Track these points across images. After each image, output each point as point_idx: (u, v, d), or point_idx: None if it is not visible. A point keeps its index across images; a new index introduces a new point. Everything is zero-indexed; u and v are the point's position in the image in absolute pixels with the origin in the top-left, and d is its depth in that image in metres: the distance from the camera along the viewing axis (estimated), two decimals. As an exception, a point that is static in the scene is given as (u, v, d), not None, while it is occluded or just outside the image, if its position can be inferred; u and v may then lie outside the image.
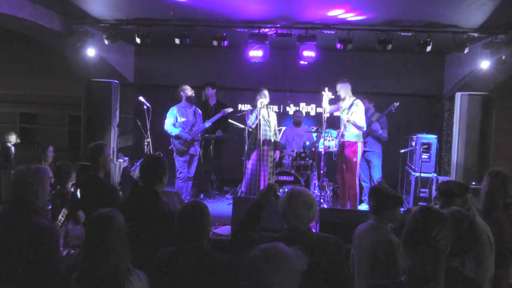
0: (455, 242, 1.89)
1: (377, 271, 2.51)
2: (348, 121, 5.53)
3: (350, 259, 2.79)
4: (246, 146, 6.18)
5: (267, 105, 5.90)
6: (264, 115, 5.89)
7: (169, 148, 6.27)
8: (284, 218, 2.39)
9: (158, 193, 2.88)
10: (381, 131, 6.45)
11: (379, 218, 2.68)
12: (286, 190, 2.50)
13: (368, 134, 6.36)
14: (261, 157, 5.77)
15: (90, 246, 2.00)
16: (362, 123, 5.65)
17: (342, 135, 5.71)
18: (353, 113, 5.51)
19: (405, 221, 1.81)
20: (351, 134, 5.68)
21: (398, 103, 6.41)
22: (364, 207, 6.17)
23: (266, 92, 5.85)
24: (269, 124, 5.95)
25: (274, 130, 6.07)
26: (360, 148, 5.73)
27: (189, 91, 6.22)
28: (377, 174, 6.58)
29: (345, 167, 5.79)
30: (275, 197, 2.57)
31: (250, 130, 6.01)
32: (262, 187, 5.52)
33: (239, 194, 6.32)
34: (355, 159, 5.65)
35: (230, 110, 6.41)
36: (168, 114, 6.19)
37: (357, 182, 5.79)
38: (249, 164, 5.95)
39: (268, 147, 5.92)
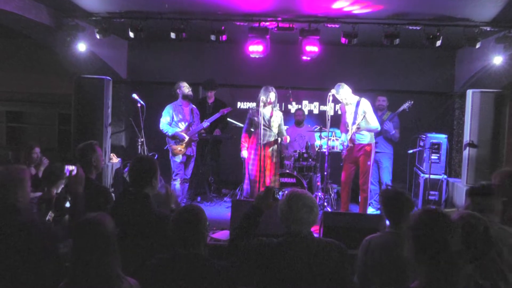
0: (469, 247, 1.88)
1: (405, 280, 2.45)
2: (358, 128, 5.41)
3: (357, 267, 2.74)
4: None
5: (270, 103, 5.86)
6: (265, 115, 5.87)
7: (165, 148, 6.27)
8: (283, 222, 2.37)
9: (149, 197, 2.86)
10: (393, 131, 6.39)
11: (398, 224, 2.63)
12: (286, 192, 2.48)
13: (380, 134, 6.25)
14: (262, 158, 5.75)
15: (78, 253, 1.99)
16: (375, 123, 5.55)
17: (352, 140, 5.56)
18: (363, 117, 5.38)
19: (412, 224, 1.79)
20: (363, 136, 5.59)
21: (412, 102, 6.36)
22: (371, 210, 6.16)
23: (267, 89, 5.80)
24: (270, 124, 5.90)
25: (279, 130, 6.03)
26: (373, 150, 5.67)
27: (186, 88, 6.22)
28: (386, 177, 6.53)
29: (354, 169, 5.74)
30: (274, 200, 2.57)
31: (252, 130, 6.00)
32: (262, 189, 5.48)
33: (238, 196, 6.31)
34: (369, 163, 5.58)
35: (229, 109, 6.42)
36: (163, 113, 6.20)
37: (369, 185, 5.75)
38: (250, 165, 5.94)
39: (269, 148, 5.90)
